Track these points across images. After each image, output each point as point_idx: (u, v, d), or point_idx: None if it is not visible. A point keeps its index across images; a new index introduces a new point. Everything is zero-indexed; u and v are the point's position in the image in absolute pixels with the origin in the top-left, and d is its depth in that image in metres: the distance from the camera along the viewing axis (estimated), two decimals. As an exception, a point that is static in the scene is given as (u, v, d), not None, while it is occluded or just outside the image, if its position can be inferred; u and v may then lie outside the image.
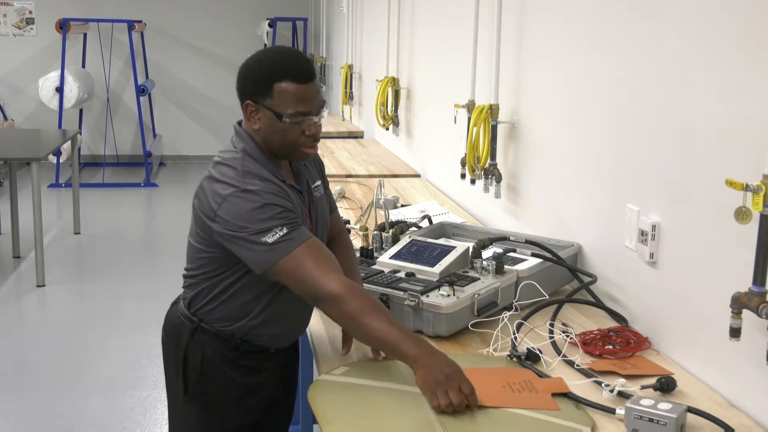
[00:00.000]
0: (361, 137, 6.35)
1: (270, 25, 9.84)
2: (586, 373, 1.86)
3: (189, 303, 2.00)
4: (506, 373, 1.85)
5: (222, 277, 1.93)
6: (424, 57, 4.55)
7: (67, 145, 7.90)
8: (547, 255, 2.40)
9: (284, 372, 2.13)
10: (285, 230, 1.78)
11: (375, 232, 2.56)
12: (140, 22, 9.92)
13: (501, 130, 3.11)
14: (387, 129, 5.19)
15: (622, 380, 1.77)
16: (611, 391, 1.74)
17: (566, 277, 2.47)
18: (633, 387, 1.76)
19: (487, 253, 2.38)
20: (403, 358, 1.72)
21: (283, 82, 1.83)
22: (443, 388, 1.64)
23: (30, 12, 10.19)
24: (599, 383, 1.79)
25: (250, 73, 1.88)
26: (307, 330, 2.17)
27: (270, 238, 1.77)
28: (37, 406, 3.89)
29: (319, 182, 2.06)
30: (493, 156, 3.09)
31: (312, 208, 1.99)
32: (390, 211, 3.15)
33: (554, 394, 1.74)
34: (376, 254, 2.43)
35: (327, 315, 1.85)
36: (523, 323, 2.11)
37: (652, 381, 1.80)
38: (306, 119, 1.85)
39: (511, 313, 2.15)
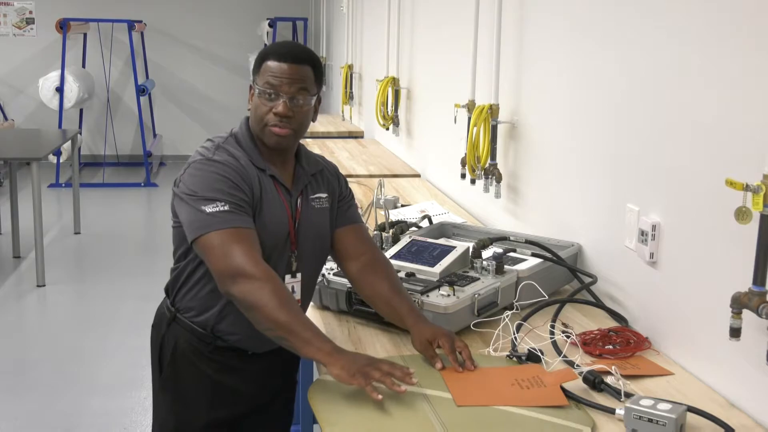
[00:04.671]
0: (361, 137, 6.35)
1: (270, 25, 9.84)
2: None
3: (168, 290, 2.06)
4: (514, 370, 1.85)
5: (191, 258, 1.96)
6: (424, 57, 4.55)
7: (67, 145, 7.90)
8: (547, 255, 2.40)
9: (270, 378, 2.10)
10: (226, 207, 1.82)
11: (375, 232, 2.56)
12: (140, 22, 9.93)
13: (501, 130, 3.11)
14: (387, 129, 5.19)
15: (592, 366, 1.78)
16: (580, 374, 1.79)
17: (566, 277, 2.47)
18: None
19: (487, 253, 2.38)
20: (317, 351, 1.70)
21: (269, 59, 1.91)
22: (367, 369, 1.66)
23: (30, 12, 10.19)
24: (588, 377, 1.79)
25: (256, 58, 1.97)
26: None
27: (209, 209, 1.82)
28: (37, 406, 3.89)
29: (324, 195, 2.04)
30: (493, 156, 3.09)
31: (303, 215, 1.99)
32: (390, 211, 3.15)
33: (563, 388, 1.74)
34: (376, 254, 2.43)
35: (239, 298, 1.76)
36: (523, 324, 2.11)
37: (652, 381, 1.80)
38: (274, 94, 1.88)
39: (512, 312, 2.15)
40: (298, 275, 2.00)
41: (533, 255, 2.46)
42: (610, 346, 2.00)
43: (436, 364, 1.84)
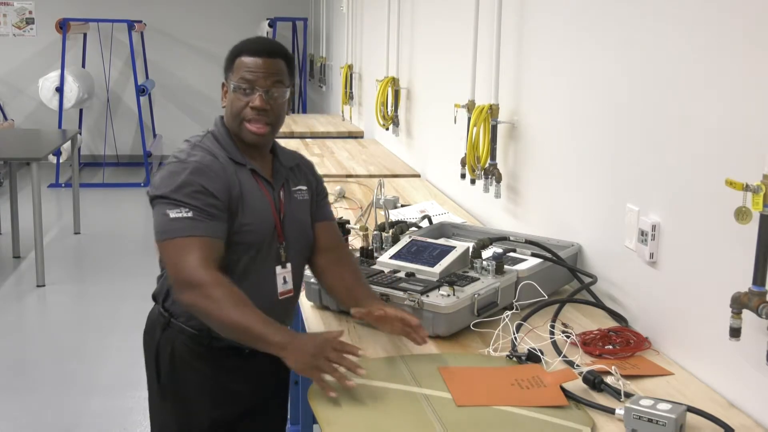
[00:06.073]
0: (361, 137, 6.35)
1: (270, 25, 9.84)
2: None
3: (158, 296, 2.06)
4: (513, 370, 1.85)
5: None
6: (424, 57, 4.55)
7: (67, 145, 7.90)
8: (547, 255, 2.40)
9: (268, 377, 2.10)
10: (190, 214, 1.83)
11: (375, 232, 2.56)
12: (140, 22, 9.92)
13: (501, 130, 3.11)
14: (387, 129, 5.19)
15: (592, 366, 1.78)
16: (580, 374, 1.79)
17: (566, 277, 2.47)
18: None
19: (487, 253, 2.37)
20: (270, 346, 1.73)
21: (243, 56, 1.94)
22: (318, 360, 1.68)
23: (30, 12, 10.18)
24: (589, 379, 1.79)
25: (226, 56, 2.00)
26: (306, 331, 2.17)
27: (173, 214, 1.83)
28: (37, 406, 3.89)
29: (304, 187, 2.09)
30: (493, 156, 3.09)
31: (287, 206, 2.03)
32: (390, 211, 3.15)
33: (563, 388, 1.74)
34: (376, 254, 2.43)
35: (190, 304, 1.81)
36: (522, 324, 2.11)
37: (652, 382, 1.80)
38: (249, 89, 1.91)
39: (512, 312, 2.15)
40: (288, 265, 2.02)
41: (533, 255, 2.46)
42: (610, 346, 2.00)
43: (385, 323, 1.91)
